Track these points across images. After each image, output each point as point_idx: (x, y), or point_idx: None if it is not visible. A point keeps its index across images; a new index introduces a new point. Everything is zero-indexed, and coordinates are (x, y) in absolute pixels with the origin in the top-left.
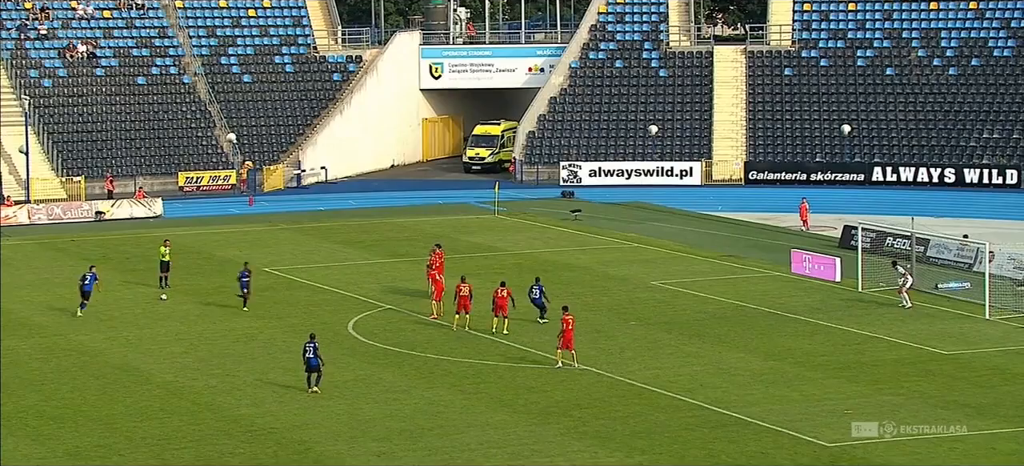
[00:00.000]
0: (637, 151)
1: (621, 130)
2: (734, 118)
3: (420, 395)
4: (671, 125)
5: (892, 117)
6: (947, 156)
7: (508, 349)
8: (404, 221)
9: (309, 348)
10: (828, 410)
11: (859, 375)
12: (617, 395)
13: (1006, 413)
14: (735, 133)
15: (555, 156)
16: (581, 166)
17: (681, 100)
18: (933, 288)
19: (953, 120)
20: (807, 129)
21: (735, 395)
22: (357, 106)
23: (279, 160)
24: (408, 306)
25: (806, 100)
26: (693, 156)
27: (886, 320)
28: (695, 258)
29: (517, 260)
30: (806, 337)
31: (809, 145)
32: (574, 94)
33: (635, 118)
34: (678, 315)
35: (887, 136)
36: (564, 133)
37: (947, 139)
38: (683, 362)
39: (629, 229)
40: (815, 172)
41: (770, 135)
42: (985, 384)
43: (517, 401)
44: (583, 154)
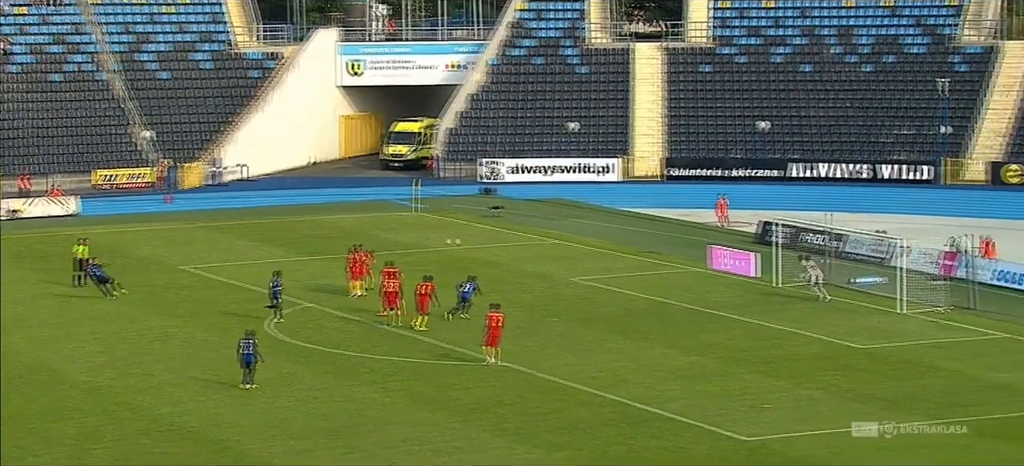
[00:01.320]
0: (557, 148)
1: (541, 127)
2: (653, 115)
3: (340, 393)
4: (591, 122)
5: (808, 114)
6: (862, 152)
7: (430, 346)
8: (324, 218)
9: (246, 344)
10: (747, 405)
11: (778, 370)
12: (538, 392)
13: (921, 407)
14: (654, 130)
15: (475, 153)
16: (501, 163)
17: (600, 97)
18: (849, 283)
19: (868, 117)
20: (725, 126)
21: (655, 391)
22: (276, 103)
23: (197, 158)
24: (328, 304)
25: (724, 97)
26: (613, 153)
27: (803, 315)
28: (615, 255)
29: (437, 257)
30: (725, 333)
31: (727, 142)
32: (494, 91)
33: (555, 115)
34: (599, 311)
35: (804, 132)
36: (484, 130)
37: (862, 135)
38: (604, 358)
39: (550, 226)
40: (733, 168)
41: (689, 132)
42: (901, 377)
43: (438, 398)
44: (503, 151)
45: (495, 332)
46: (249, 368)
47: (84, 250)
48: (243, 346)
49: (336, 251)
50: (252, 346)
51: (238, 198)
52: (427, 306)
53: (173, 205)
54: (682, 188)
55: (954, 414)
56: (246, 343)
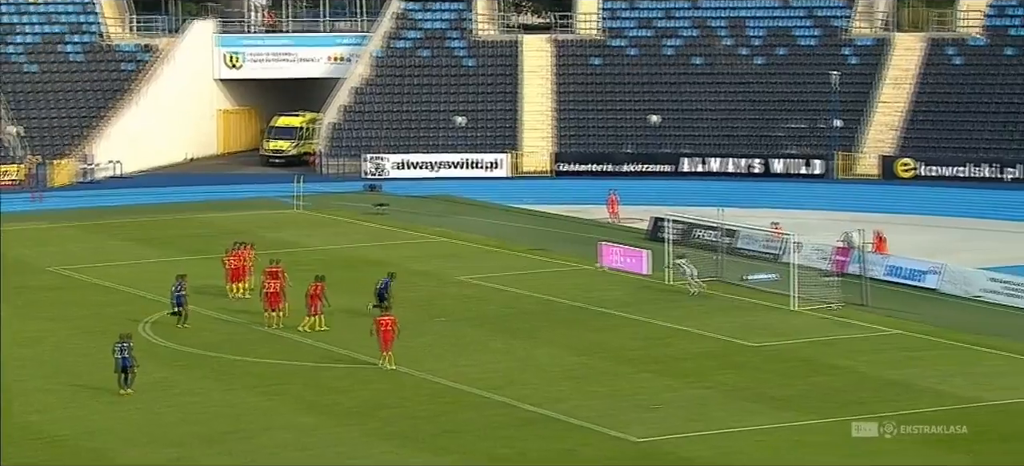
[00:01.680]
0: (444, 143)
1: (427, 121)
2: (542, 109)
3: (219, 398)
4: (478, 116)
5: (700, 107)
6: (754, 146)
7: (313, 349)
8: (201, 217)
9: (121, 348)
10: (638, 405)
11: (669, 369)
12: (423, 394)
13: (813, 405)
14: (543, 124)
15: (359, 148)
16: (386, 159)
17: (488, 90)
18: (741, 280)
19: (760, 110)
20: (616, 120)
21: (544, 391)
22: (151, 97)
23: (67, 154)
24: (206, 305)
25: (615, 90)
26: (501, 148)
27: (695, 313)
28: (503, 252)
29: (320, 256)
30: (615, 331)
31: (618, 136)
32: (378, 84)
33: (441, 109)
34: (486, 311)
35: (695, 126)
36: (369, 124)
37: (754, 129)
38: (491, 359)
39: (436, 223)
40: (624, 163)
41: (579, 126)
42: (793, 375)
43: (321, 402)
44: (388, 146)
45: (387, 336)
46: (125, 373)
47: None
48: (118, 350)
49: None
50: (127, 350)
51: (111, 196)
52: (318, 308)
53: (42, 204)
54: (572, 184)
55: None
56: (121, 347)
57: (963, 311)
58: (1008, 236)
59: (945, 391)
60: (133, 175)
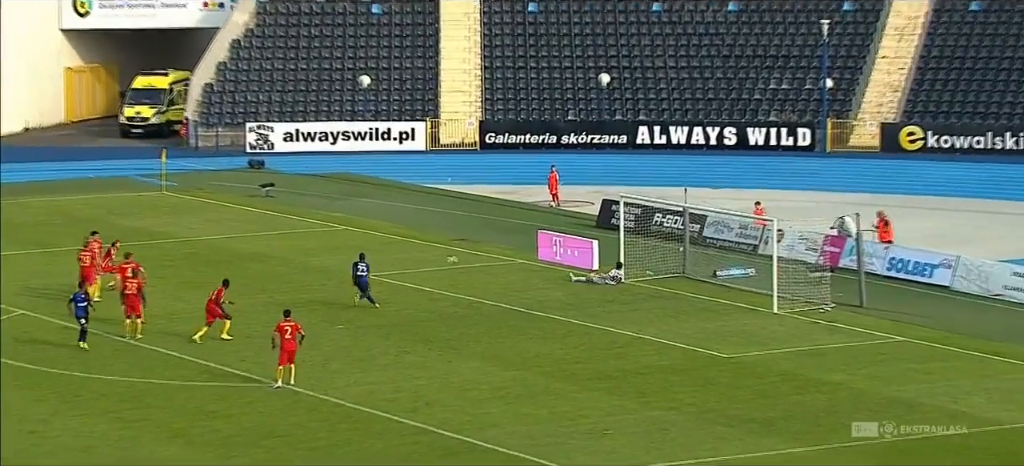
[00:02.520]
0: (345, 109)
1: (324, 83)
2: (467, 67)
3: (63, 425)
4: (388, 76)
5: (660, 65)
6: (727, 112)
7: (183, 363)
8: (42, 201)
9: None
10: (584, 430)
11: (622, 386)
12: (320, 419)
13: (799, 429)
14: (468, 85)
15: (240, 116)
16: (273, 129)
17: (400, 44)
18: (712, 276)
19: (734, 68)
20: (557, 81)
21: (469, 415)
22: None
23: None
24: (48, 310)
25: (555, 44)
26: (416, 115)
27: (655, 317)
28: (418, 243)
29: (191, 249)
30: (557, 340)
31: (560, 100)
32: (264, 36)
33: (342, 67)
34: (397, 316)
35: (654, 88)
36: (251, 86)
37: (727, 92)
38: (404, 375)
39: (335, 207)
40: (567, 134)
41: (511, 88)
42: (772, 393)
43: (192, 430)
44: (276, 113)
45: (290, 346)
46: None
47: None
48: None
49: (59, 243)
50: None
51: None
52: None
53: None
54: (503, 158)
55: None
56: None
57: (980, 313)
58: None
59: (960, 411)
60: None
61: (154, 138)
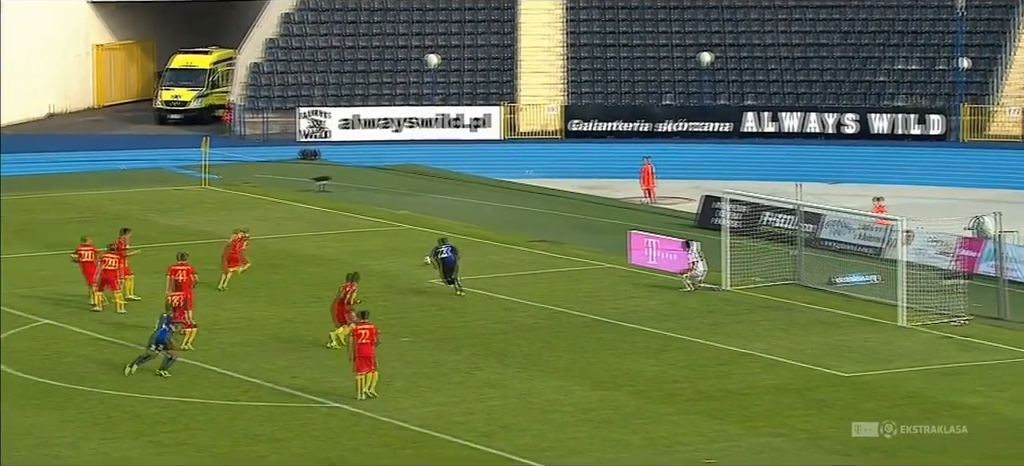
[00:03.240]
0: (410, 92)
1: (387, 62)
2: (549, 44)
3: (93, 449)
4: (459, 55)
5: (770, 42)
6: (846, 97)
7: (225, 380)
8: (69, 196)
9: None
10: (682, 459)
11: (725, 409)
12: (381, 443)
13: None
14: (550, 66)
15: (291, 100)
16: (329, 114)
17: (474, 19)
18: (828, 283)
19: (854, 46)
20: (652, 61)
21: (550, 440)
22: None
23: None
24: (74, 320)
25: (650, 19)
26: (491, 99)
27: (763, 330)
28: (493, 244)
29: None
30: (650, 356)
31: (654, 83)
32: (318, 9)
33: (407, 44)
34: (469, 327)
35: (763, 69)
36: (304, 67)
37: (846, 73)
38: (476, 394)
39: (398, 204)
40: (663, 121)
41: (599, 69)
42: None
43: (236, 455)
44: (332, 97)
45: (366, 350)
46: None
47: None
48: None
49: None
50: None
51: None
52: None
53: None
54: (589, 148)
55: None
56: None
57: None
58: None
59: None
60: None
61: (194, 125)
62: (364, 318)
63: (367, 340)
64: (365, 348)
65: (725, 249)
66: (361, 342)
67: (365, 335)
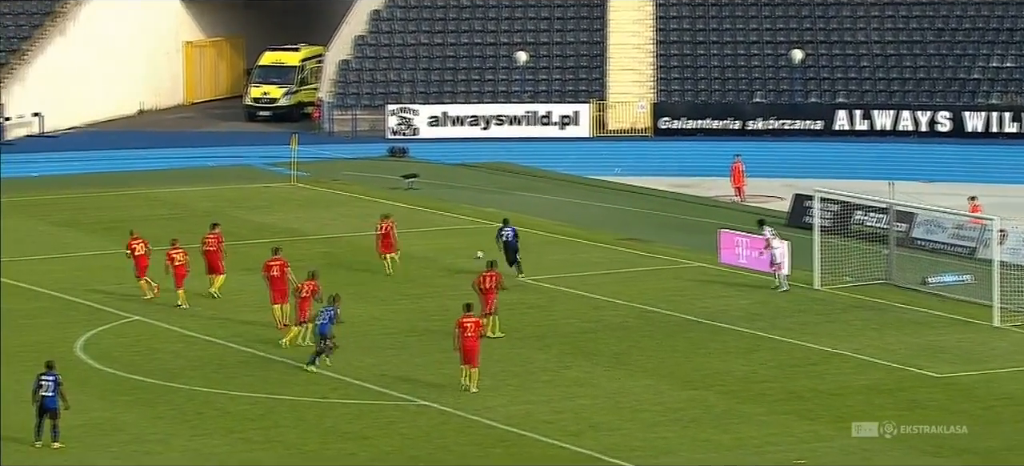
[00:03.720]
0: (499, 89)
1: (475, 59)
2: (638, 41)
3: (183, 446)
4: (548, 52)
5: (862, 39)
6: (940, 95)
7: (313, 378)
8: (159, 192)
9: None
10: (772, 460)
11: (816, 409)
12: (469, 442)
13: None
14: (640, 63)
15: (380, 97)
16: (417, 112)
17: (562, 16)
18: (921, 283)
19: (948, 43)
20: (742, 58)
21: (640, 440)
22: (86, 24)
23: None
24: (163, 316)
25: (740, 16)
26: (579, 96)
27: (855, 330)
28: (581, 242)
29: (325, 248)
30: (741, 356)
31: (745, 80)
32: (407, 7)
33: (496, 42)
34: (557, 326)
35: (855, 66)
36: (393, 64)
37: (940, 70)
38: (565, 393)
39: (486, 202)
40: (753, 118)
41: (689, 66)
42: (992, 420)
43: (325, 453)
44: (421, 94)
45: (471, 344)
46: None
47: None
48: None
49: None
50: (55, 386)
51: (29, 162)
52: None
53: None
54: (679, 146)
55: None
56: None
57: None
58: None
59: None
60: (60, 133)
61: (283, 122)
62: (469, 311)
63: (472, 333)
64: (470, 341)
65: (816, 248)
66: (466, 335)
67: (470, 328)
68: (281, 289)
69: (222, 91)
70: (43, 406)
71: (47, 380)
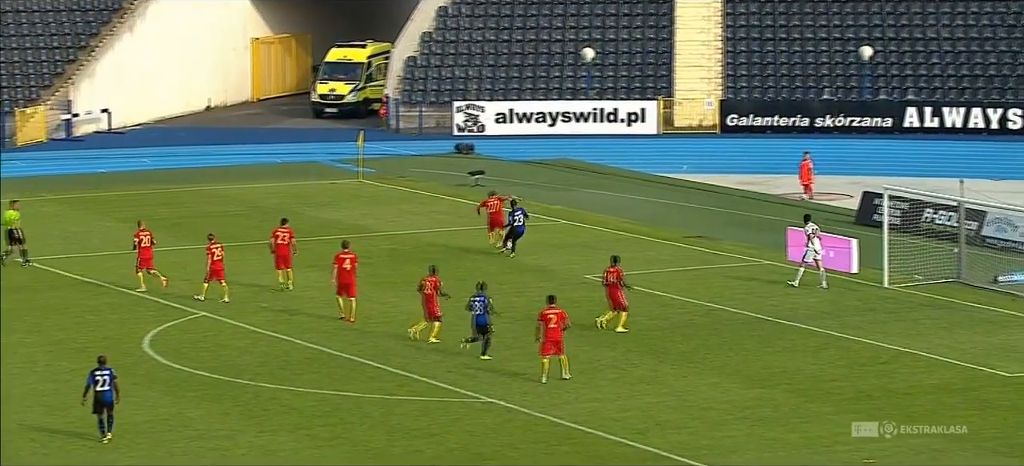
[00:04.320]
0: (565, 86)
1: (542, 56)
2: (706, 38)
3: (250, 442)
4: (615, 49)
5: (933, 36)
6: (1011, 91)
7: (380, 374)
8: (225, 189)
9: (102, 376)
10: (841, 459)
11: (885, 408)
12: (536, 439)
13: None
14: (707, 59)
15: (446, 94)
16: (483, 109)
17: (629, 12)
18: (992, 282)
19: (1020, 39)
20: (810, 54)
21: (707, 438)
22: (154, 21)
23: (38, 100)
24: (231, 312)
25: (809, 12)
26: (646, 93)
27: (924, 329)
28: (648, 240)
29: (391, 244)
30: (809, 354)
31: (813, 77)
32: (474, 4)
33: (562, 39)
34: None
35: (925, 63)
36: (459, 61)
37: (1011, 67)
38: (631, 391)
39: (553, 199)
40: (822, 115)
41: (757, 63)
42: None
43: (392, 450)
44: (487, 91)
45: (556, 335)
46: (108, 410)
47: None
48: (99, 380)
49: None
50: (111, 380)
51: (98, 159)
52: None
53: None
54: (747, 144)
55: None
56: (104, 375)
57: None
58: None
59: None
60: (129, 129)
61: (350, 119)
62: (553, 303)
63: (556, 325)
64: (554, 332)
65: (885, 246)
66: (550, 327)
67: (554, 319)
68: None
69: (289, 87)
70: (100, 400)
71: (103, 374)
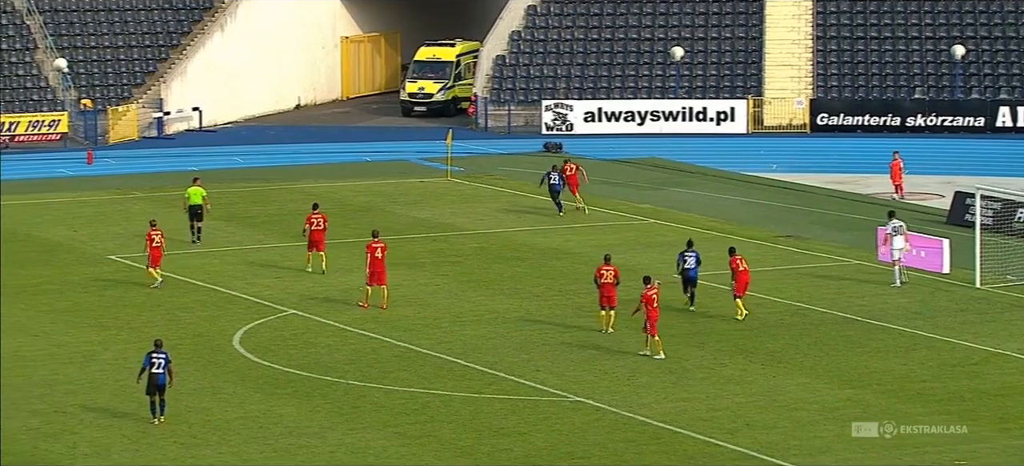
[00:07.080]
0: (654, 85)
1: (631, 55)
2: (796, 36)
3: (338, 439)
4: (704, 47)
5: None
6: None
7: (468, 372)
8: (316, 187)
9: (157, 359)
10: (931, 461)
11: (977, 410)
12: (624, 439)
13: None
14: (797, 58)
15: (535, 93)
16: (572, 107)
17: (719, 11)
18: None
19: None
20: (900, 54)
21: (796, 438)
22: (244, 20)
23: (130, 98)
24: (321, 311)
25: (900, 10)
26: (736, 92)
27: (1017, 330)
28: (737, 239)
29: (479, 243)
30: (899, 355)
31: (904, 76)
32: (563, 2)
33: (651, 37)
34: (713, 323)
35: (1018, 62)
36: (548, 59)
37: None
38: (720, 391)
39: (642, 198)
40: (913, 115)
41: (848, 62)
42: None
43: (480, 448)
44: (576, 90)
45: (654, 315)
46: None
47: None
48: (154, 363)
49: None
50: (165, 363)
51: (189, 157)
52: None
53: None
54: (837, 143)
55: None
56: (160, 358)
57: None
58: None
59: None
60: (220, 128)
61: (438, 117)
62: (649, 282)
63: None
64: (655, 312)
65: (977, 246)
66: (652, 308)
67: (655, 299)
68: (377, 270)
69: (378, 86)
70: (154, 383)
71: (159, 357)
